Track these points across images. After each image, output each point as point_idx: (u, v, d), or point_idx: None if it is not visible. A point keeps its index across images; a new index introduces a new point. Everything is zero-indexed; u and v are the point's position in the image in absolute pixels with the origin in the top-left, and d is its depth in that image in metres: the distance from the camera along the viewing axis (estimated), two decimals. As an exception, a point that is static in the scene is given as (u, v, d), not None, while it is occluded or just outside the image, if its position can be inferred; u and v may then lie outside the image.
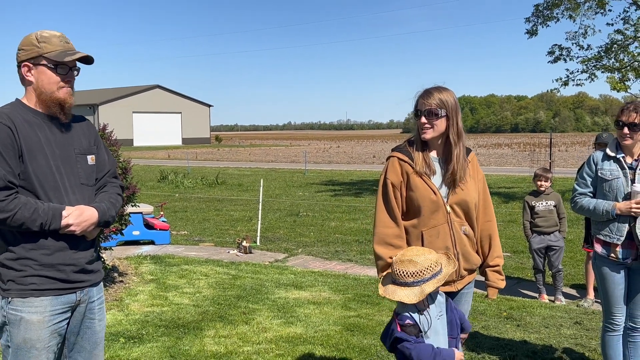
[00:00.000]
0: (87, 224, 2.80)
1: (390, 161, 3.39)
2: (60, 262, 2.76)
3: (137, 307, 6.69)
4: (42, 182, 2.73)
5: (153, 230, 10.61)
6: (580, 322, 6.30)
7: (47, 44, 2.78)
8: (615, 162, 4.25)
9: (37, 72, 2.79)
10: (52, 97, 2.80)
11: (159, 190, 20.90)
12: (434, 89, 3.31)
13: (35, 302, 2.73)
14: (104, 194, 2.98)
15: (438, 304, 3.16)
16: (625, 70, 18.20)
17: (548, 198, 7.29)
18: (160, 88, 78.80)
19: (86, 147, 2.94)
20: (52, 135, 2.81)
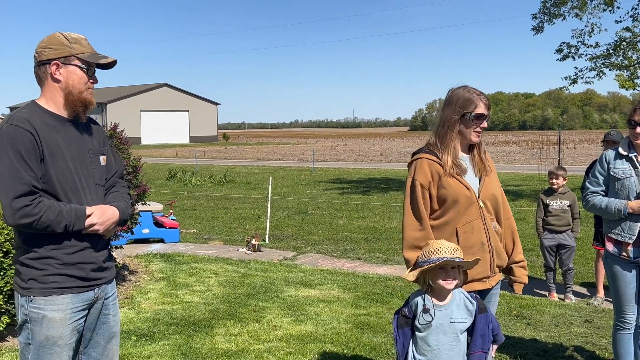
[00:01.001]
0: (110, 222, 2.88)
1: (418, 163, 3.33)
2: (80, 261, 2.83)
3: (148, 305, 6.73)
4: (63, 184, 2.79)
5: (162, 229, 10.65)
6: (590, 320, 6.30)
7: (78, 45, 2.85)
8: (627, 161, 4.25)
9: (66, 71, 2.84)
10: (80, 97, 2.86)
11: (167, 188, 20.97)
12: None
13: (57, 300, 2.79)
14: (116, 193, 3.05)
15: (463, 308, 3.11)
16: (634, 67, 18.12)
17: (563, 197, 7.27)
18: (168, 86, 78.96)
19: (97, 148, 3.01)
20: (69, 138, 2.87)
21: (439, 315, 3.08)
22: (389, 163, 36.30)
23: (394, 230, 12.04)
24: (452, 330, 3.07)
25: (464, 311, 3.10)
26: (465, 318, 3.10)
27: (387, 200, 17.37)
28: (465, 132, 3.32)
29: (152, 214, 10.51)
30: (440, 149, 3.31)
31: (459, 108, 3.29)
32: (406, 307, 3.18)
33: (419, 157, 3.35)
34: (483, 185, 3.36)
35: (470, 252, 3.25)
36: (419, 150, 3.42)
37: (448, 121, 3.32)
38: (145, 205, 7.96)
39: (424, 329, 3.09)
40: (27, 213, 2.64)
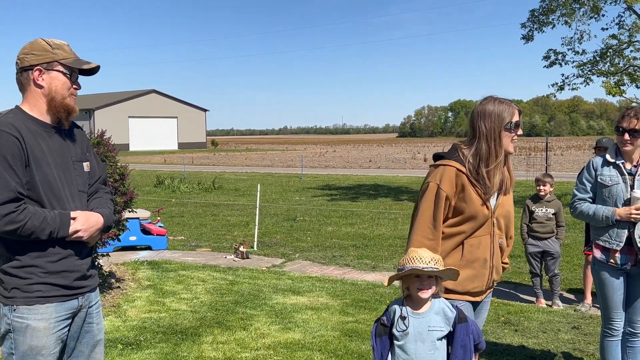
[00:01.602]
0: (94, 229, 2.86)
1: (446, 170, 3.24)
2: (65, 269, 2.80)
3: (135, 313, 6.67)
4: (47, 191, 2.76)
5: (150, 236, 10.59)
6: (578, 326, 6.31)
7: (61, 51, 2.84)
8: (614, 168, 4.26)
9: (49, 77, 2.82)
10: (63, 103, 2.84)
11: (155, 195, 20.88)
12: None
13: (41, 309, 2.75)
14: (100, 199, 3.01)
15: (442, 316, 3.08)
16: (621, 74, 18.28)
17: (549, 205, 7.29)
18: (156, 93, 78.73)
19: (81, 154, 2.97)
20: (53, 144, 2.84)
21: (416, 323, 3.05)
22: (378, 169, 36.36)
23: (383, 237, 12.03)
24: (430, 338, 3.04)
25: (442, 320, 3.07)
26: (444, 327, 3.06)
27: (376, 206, 17.37)
28: (505, 144, 3.29)
29: (140, 221, 10.44)
30: (490, 166, 3.24)
31: (498, 120, 3.26)
32: (385, 315, 3.16)
33: (448, 164, 3.26)
34: (500, 202, 3.36)
35: (472, 267, 3.25)
36: (445, 155, 3.34)
37: (493, 134, 3.25)
38: (133, 212, 7.91)
39: (401, 338, 3.06)
40: (12, 220, 2.61)
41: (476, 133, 3.30)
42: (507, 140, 3.29)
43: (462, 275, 3.20)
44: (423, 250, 3.06)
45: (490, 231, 3.29)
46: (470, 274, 3.26)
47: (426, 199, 3.26)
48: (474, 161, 3.25)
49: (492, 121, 3.26)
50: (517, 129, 3.30)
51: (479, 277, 3.28)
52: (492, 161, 3.25)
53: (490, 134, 3.26)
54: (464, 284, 3.24)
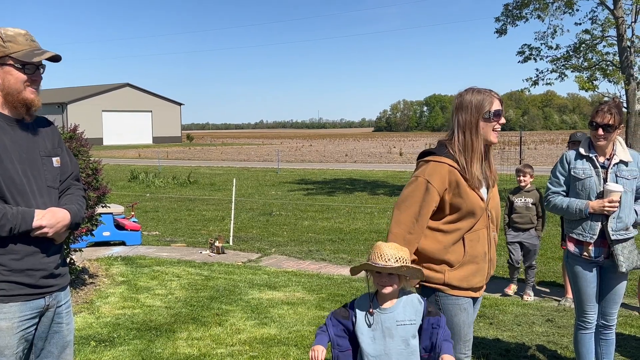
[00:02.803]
0: (60, 225, 2.76)
1: (438, 166, 3.22)
2: (29, 267, 2.71)
3: (108, 309, 6.59)
4: (10, 186, 2.67)
5: (124, 231, 10.47)
6: (552, 319, 6.36)
7: (13, 44, 2.71)
8: (587, 161, 4.29)
9: (2, 72, 2.72)
10: (20, 97, 2.74)
11: (129, 190, 20.66)
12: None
13: (4, 309, 2.67)
14: (70, 196, 2.93)
15: (410, 309, 3.06)
16: (594, 69, 18.48)
17: (528, 195, 7.36)
18: (130, 86, 77.89)
19: (51, 149, 2.89)
20: (18, 138, 2.75)
21: (384, 318, 3.03)
22: (354, 164, 36.40)
23: (359, 231, 12.04)
24: (399, 333, 3.01)
25: (411, 312, 3.04)
26: (414, 319, 3.04)
27: (352, 201, 17.38)
28: (486, 134, 3.27)
29: (113, 216, 10.32)
30: (467, 157, 3.23)
31: (475, 110, 3.24)
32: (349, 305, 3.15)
33: (439, 160, 3.24)
34: (491, 195, 3.36)
35: (475, 261, 3.25)
36: (435, 151, 3.31)
37: (469, 125, 3.24)
38: (106, 207, 7.80)
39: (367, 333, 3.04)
40: None
41: (453, 125, 3.30)
42: (487, 130, 3.27)
43: (466, 271, 3.23)
44: (389, 246, 3.03)
45: (486, 224, 3.30)
46: (474, 269, 3.27)
47: (414, 193, 3.22)
48: (459, 154, 3.25)
49: (469, 112, 3.26)
50: (498, 117, 3.28)
51: (480, 271, 3.30)
52: (468, 152, 3.24)
53: (466, 125, 3.26)
54: (469, 280, 3.25)
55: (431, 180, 3.19)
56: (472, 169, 3.23)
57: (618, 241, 4.21)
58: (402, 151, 48.74)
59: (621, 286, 4.36)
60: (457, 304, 3.26)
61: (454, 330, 3.25)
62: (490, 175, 3.38)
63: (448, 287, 3.24)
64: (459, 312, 3.27)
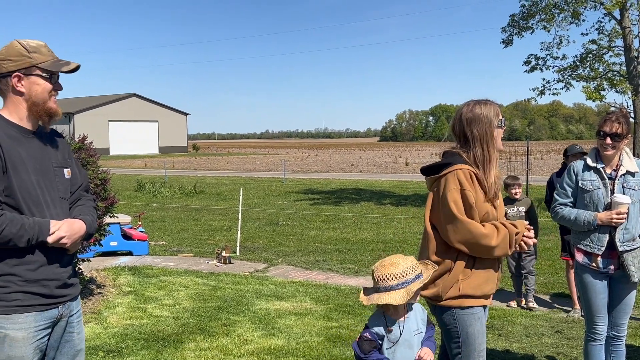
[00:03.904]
0: (77, 236, 2.80)
1: (460, 173, 3.25)
2: (44, 278, 2.73)
3: (116, 319, 6.59)
4: (26, 197, 2.70)
5: (131, 241, 10.48)
6: (561, 330, 6.33)
7: (38, 54, 2.77)
8: (595, 173, 4.28)
9: (28, 82, 2.76)
10: (45, 106, 2.79)
11: (136, 200, 20.70)
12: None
13: (20, 319, 2.68)
14: (82, 207, 2.96)
15: (419, 319, 3.14)
16: (600, 79, 18.46)
17: (520, 204, 7.37)
18: (136, 96, 78.16)
19: (62, 160, 2.93)
20: (33, 150, 2.78)
21: (403, 331, 3.08)
22: (360, 174, 36.39)
23: (366, 241, 12.02)
24: (416, 342, 3.10)
25: (420, 321, 3.15)
26: (422, 327, 3.15)
27: (359, 211, 17.36)
28: (498, 142, 3.36)
29: (120, 226, 10.34)
30: (485, 169, 3.29)
31: (489, 122, 3.31)
32: (366, 331, 3.14)
33: (460, 167, 3.26)
34: (497, 204, 3.40)
35: (487, 269, 3.28)
36: (452, 161, 3.32)
37: (486, 137, 3.30)
38: (113, 217, 7.82)
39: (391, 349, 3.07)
40: None
41: (469, 139, 3.34)
42: (498, 139, 3.36)
43: (479, 279, 3.26)
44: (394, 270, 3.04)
45: None
46: (486, 276, 3.29)
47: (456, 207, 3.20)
48: (475, 166, 3.30)
49: (483, 124, 3.32)
50: (504, 126, 3.41)
51: (492, 278, 3.33)
52: (487, 163, 3.30)
53: (483, 138, 3.31)
54: (482, 287, 3.28)
55: (466, 187, 3.22)
56: (490, 180, 3.28)
57: (627, 252, 4.19)
58: (408, 161, 48.70)
59: (631, 296, 4.34)
60: (472, 314, 3.28)
61: (468, 341, 3.26)
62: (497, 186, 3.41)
63: (464, 299, 3.24)
64: (473, 322, 3.28)
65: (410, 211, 16.91)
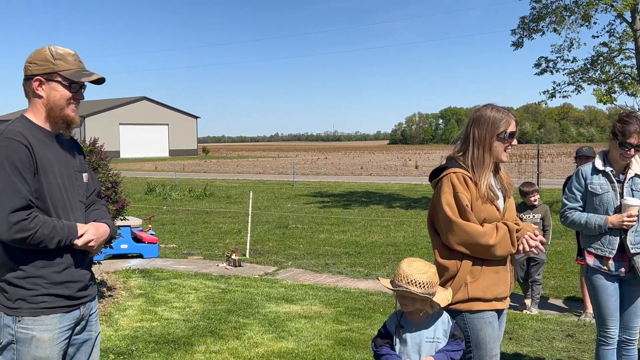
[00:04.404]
0: (103, 239, 2.89)
1: (453, 177, 3.26)
2: (68, 280, 2.80)
3: (127, 322, 6.61)
4: (53, 200, 2.77)
5: (141, 244, 10.52)
6: (572, 334, 6.29)
7: (62, 62, 2.82)
8: (604, 176, 4.26)
9: (48, 87, 2.82)
10: (62, 113, 2.83)
11: (146, 202, 20.78)
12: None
13: (46, 320, 2.75)
14: (99, 211, 3.02)
15: (441, 329, 3.09)
16: (612, 82, 18.37)
17: (536, 211, 7.29)
18: (147, 100, 78.54)
19: (80, 165, 2.99)
20: (58, 153, 2.86)
21: (414, 335, 3.07)
22: (370, 177, 36.36)
23: (376, 244, 12.00)
24: (426, 350, 3.06)
25: (440, 331, 3.09)
26: (441, 339, 3.08)
27: (368, 214, 17.35)
28: (498, 152, 3.31)
29: (131, 229, 10.37)
30: (477, 172, 3.28)
31: (492, 128, 3.28)
32: (383, 327, 3.17)
33: (453, 171, 3.28)
34: (507, 206, 3.38)
35: (496, 270, 3.26)
36: (448, 165, 3.34)
37: (483, 141, 3.29)
38: (124, 220, 7.85)
39: (400, 348, 3.07)
40: (23, 227, 2.60)
41: (468, 139, 3.33)
42: (499, 149, 3.31)
43: (488, 280, 3.24)
44: (412, 268, 3.05)
45: None
46: (496, 278, 3.27)
47: (452, 210, 3.22)
48: (470, 168, 3.29)
49: (485, 128, 3.30)
50: (512, 139, 3.32)
51: (503, 280, 3.30)
52: (479, 166, 3.28)
53: (481, 141, 3.30)
54: (492, 289, 3.25)
55: (457, 189, 3.23)
56: (483, 183, 3.26)
57: (638, 254, 4.17)
58: (418, 164, 48.63)
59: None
60: (483, 318, 3.25)
61: (479, 345, 3.24)
62: (506, 187, 3.40)
63: (474, 302, 3.22)
64: (484, 326, 3.25)
65: (420, 214, 16.88)
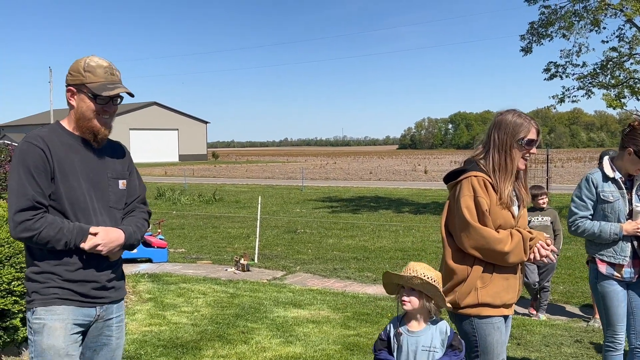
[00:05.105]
0: (114, 245, 2.90)
1: (474, 180, 3.25)
2: (81, 279, 2.86)
3: (135, 326, 6.64)
4: (73, 203, 2.85)
5: (151, 248, 10.57)
6: (580, 340, 6.27)
7: (91, 74, 2.89)
8: (613, 183, 4.25)
9: (78, 98, 2.92)
10: (88, 124, 2.92)
11: (156, 207, 20.85)
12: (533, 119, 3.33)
13: (58, 310, 2.82)
14: (132, 218, 3.08)
15: (438, 338, 3.08)
16: (621, 87, 18.30)
17: (545, 214, 7.26)
18: (157, 105, 78.90)
19: (120, 171, 3.06)
20: (87, 158, 2.93)
21: (410, 341, 3.07)
22: (379, 181, 36.34)
23: (384, 249, 12.00)
24: (422, 358, 3.04)
25: (438, 340, 3.08)
26: (438, 348, 3.06)
27: (377, 219, 17.35)
28: (516, 158, 3.30)
29: (140, 234, 10.41)
30: (499, 177, 3.27)
31: (511, 133, 3.27)
32: (384, 331, 3.19)
33: (474, 174, 3.27)
34: (521, 215, 3.38)
35: (506, 277, 3.26)
36: (468, 168, 3.33)
37: (504, 146, 3.27)
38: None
39: (396, 354, 3.08)
40: (27, 227, 2.72)
41: (489, 143, 3.33)
42: (517, 156, 3.29)
43: (498, 287, 3.24)
44: (419, 264, 3.10)
45: None
46: (505, 285, 3.27)
47: (470, 213, 3.21)
48: (492, 173, 3.28)
49: (506, 133, 3.28)
50: (530, 146, 3.29)
51: (512, 287, 3.30)
52: (502, 172, 3.27)
53: (502, 146, 3.28)
54: (501, 296, 3.25)
55: (477, 193, 3.22)
56: (505, 188, 3.25)
57: None
58: (427, 169, 48.55)
59: (655, 304, 4.31)
60: (491, 323, 3.26)
61: (487, 350, 3.24)
62: (522, 196, 3.39)
63: (483, 307, 3.23)
64: (492, 331, 3.26)
65: (428, 219, 16.86)
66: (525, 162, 3.34)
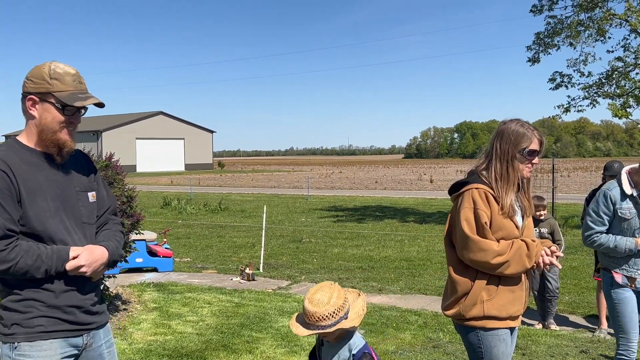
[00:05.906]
0: (98, 264, 2.65)
1: (475, 192, 3.25)
2: (67, 304, 2.61)
3: (141, 335, 6.66)
4: (44, 225, 2.57)
5: (156, 258, 10.60)
6: (586, 350, 6.25)
7: (59, 82, 2.60)
8: (630, 200, 4.32)
9: (42, 108, 2.61)
10: (53, 137, 2.63)
11: (162, 216, 20.90)
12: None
13: (44, 345, 2.56)
14: (108, 231, 2.83)
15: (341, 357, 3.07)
16: (627, 96, 18.29)
17: (543, 225, 7.28)
18: (163, 114, 79.13)
19: (86, 183, 2.79)
20: (53, 174, 2.66)
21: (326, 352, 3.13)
22: (384, 191, 36.32)
23: (389, 259, 11.99)
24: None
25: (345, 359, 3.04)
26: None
27: (382, 228, 17.34)
28: (518, 168, 3.30)
29: (146, 243, 10.46)
30: (501, 186, 3.26)
31: (513, 142, 3.26)
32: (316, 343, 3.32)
33: (475, 187, 3.27)
34: (525, 225, 3.36)
35: (512, 289, 3.25)
36: (470, 180, 3.34)
37: (506, 156, 3.27)
38: (139, 234, 7.93)
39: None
40: (1, 259, 2.43)
41: (492, 152, 3.33)
42: (522, 166, 3.29)
43: (504, 299, 3.22)
44: (314, 303, 3.07)
45: None
46: (511, 297, 3.26)
47: (469, 224, 3.21)
48: (494, 182, 3.27)
49: (508, 143, 3.28)
50: (532, 157, 3.28)
51: (518, 299, 3.29)
52: (504, 181, 3.26)
53: (503, 155, 3.28)
54: (507, 308, 3.24)
55: (477, 205, 3.21)
56: (507, 198, 3.24)
57: None
58: (433, 178, 48.51)
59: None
60: (497, 335, 3.25)
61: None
62: (526, 206, 3.38)
63: (488, 320, 3.22)
64: (498, 343, 3.25)
65: (434, 229, 16.85)
66: (531, 171, 3.33)
